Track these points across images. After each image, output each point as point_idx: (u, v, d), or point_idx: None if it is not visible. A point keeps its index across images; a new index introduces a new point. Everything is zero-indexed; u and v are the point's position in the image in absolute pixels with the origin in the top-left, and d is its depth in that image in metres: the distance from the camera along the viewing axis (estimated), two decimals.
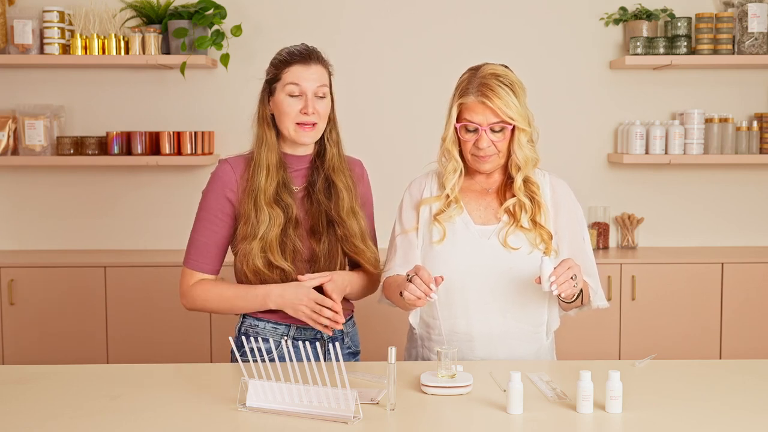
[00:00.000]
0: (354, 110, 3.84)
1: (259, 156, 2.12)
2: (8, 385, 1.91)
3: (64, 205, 3.94)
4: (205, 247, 2.14)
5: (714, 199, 4.00)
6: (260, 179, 2.10)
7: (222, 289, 2.14)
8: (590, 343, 3.59)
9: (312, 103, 2.08)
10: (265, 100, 2.15)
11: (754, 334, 3.63)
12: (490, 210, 2.16)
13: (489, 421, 1.68)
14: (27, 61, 3.70)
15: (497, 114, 2.05)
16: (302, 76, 2.08)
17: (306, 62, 2.10)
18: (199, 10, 3.69)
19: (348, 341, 2.24)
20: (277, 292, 2.09)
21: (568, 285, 1.92)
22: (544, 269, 1.93)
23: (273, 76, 2.13)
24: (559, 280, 1.91)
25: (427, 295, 1.90)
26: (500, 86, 2.04)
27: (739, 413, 1.72)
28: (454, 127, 2.10)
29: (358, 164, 2.29)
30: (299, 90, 2.08)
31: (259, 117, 2.15)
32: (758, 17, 3.68)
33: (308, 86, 2.08)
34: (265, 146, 2.12)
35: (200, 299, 2.15)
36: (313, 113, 2.08)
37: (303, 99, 2.09)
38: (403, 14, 3.91)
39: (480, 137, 2.07)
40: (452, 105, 2.10)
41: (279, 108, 2.11)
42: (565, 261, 1.95)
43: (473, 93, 2.05)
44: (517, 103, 2.06)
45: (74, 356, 3.54)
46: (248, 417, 1.70)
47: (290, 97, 2.09)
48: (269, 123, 2.14)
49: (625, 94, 3.95)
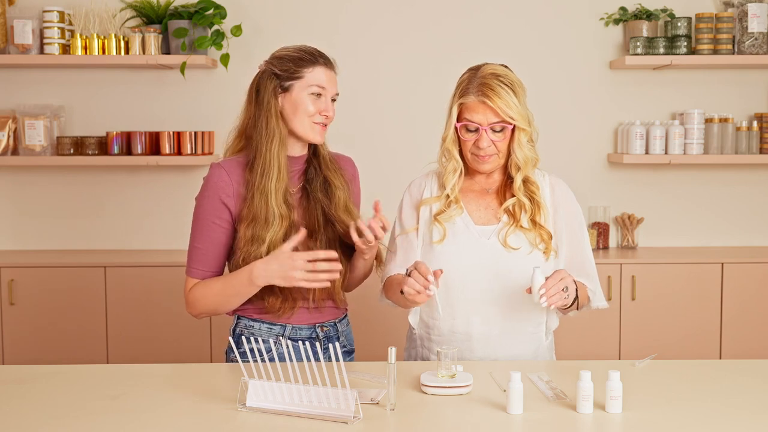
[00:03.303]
0: (353, 110, 3.84)
1: (270, 153, 2.06)
2: (8, 385, 1.91)
3: (64, 205, 3.94)
4: (204, 254, 2.12)
5: (714, 199, 4.00)
6: (272, 181, 2.06)
7: (211, 285, 2.11)
8: (590, 343, 3.59)
9: (329, 107, 2.11)
10: (277, 94, 2.09)
11: (754, 334, 3.63)
12: (490, 210, 2.16)
13: (489, 421, 1.68)
14: (27, 61, 3.70)
15: (498, 114, 2.05)
16: (327, 79, 2.10)
17: (330, 67, 2.13)
18: (199, 10, 3.69)
19: (343, 339, 2.24)
20: (260, 267, 2.02)
21: (559, 297, 1.92)
22: (535, 281, 1.93)
23: (293, 73, 2.08)
24: (549, 292, 1.91)
25: (426, 288, 1.90)
26: (501, 86, 2.05)
27: (739, 413, 1.72)
28: (454, 126, 2.10)
29: (349, 162, 2.29)
30: (324, 93, 2.10)
31: (268, 110, 2.08)
32: (758, 17, 3.68)
33: (331, 90, 2.12)
34: (277, 141, 2.07)
35: (197, 302, 2.13)
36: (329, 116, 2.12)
37: (323, 101, 2.10)
38: (402, 14, 3.91)
39: (480, 137, 2.07)
40: (452, 105, 2.11)
41: (297, 105, 2.08)
42: (558, 272, 1.95)
43: (473, 93, 2.06)
44: (517, 102, 2.06)
45: (74, 356, 3.54)
46: (248, 417, 1.70)
47: (313, 97, 2.09)
48: (279, 118, 2.09)
49: (625, 94, 3.95)
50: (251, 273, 2.03)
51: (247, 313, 2.18)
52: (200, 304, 2.13)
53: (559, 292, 1.92)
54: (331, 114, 2.12)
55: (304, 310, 2.16)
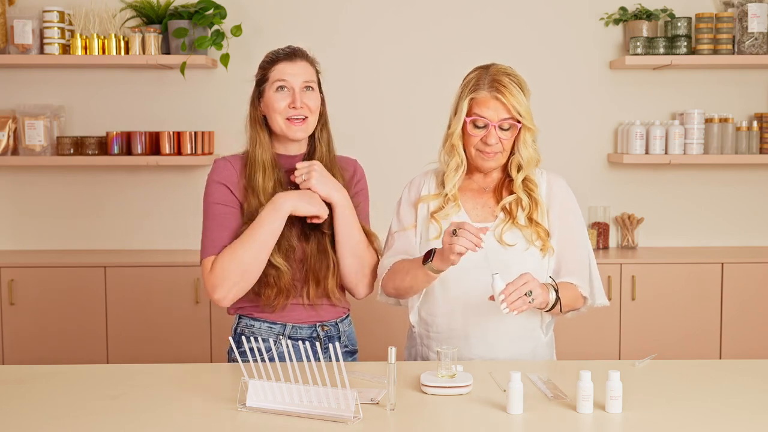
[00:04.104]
0: (353, 110, 3.85)
1: (254, 155, 2.15)
2: (8, 385, 1.91)
3: (64, 205, 3.94)
4: (220, 234, 2.11)
5: (714, 199, 4.00)
6: (258, 178, 2.12)
7: (234, 244, 2.06)
8: (590, 343, 3.59)
9: (299, 97, 2.11)
10: (255, 102, 2.18)
11: (754, 334, 3.63)
12: (487, 208, 2.16)
13: (489, 421, 1.68)
14: (27, 61, 3.70)
15: (509, 110, 2.06)
16: (288, 72, 2.12)
17: (291, 59, 2.14)
18: (199, 10, 3.69)
19: (345, 340, 2.25)
20: (281, 197, 2.07)
21: (522, 302, 1.91)
22: (495, 287, 1.91)
23: (261, 77, 2.17)
24: (509, 298, 1.89)
25: (478, 246, 1.89)
26: (512, 84, 2.07)
27: (739, 413, 1.72)
28: (463, 121, 2.09)
29: (352, 164, 2.29)
30: (287, 84, 2.12)
31: (251, 119, 2.18)
32: (758, 17, 3.68)
33: (295, 81, 2.12)
34: (258, 146, 2.15)
35: (224, 273, 2.05)
36: (302, 107, 2.11)
37: (290, 94, 2.12)
38: (402, 14, 3.91)
39: (489, 133, 2.07)
40: (461, 100, 2.10)
41: (269, 106, 2.14)
42: (522, 276, 1.93)
43: (486, 88, 2.06)
44: (525, 101, 2.08)
45: (74, 356, 3.54)
46: (248, 417, 1.70)
47: (278, 93, 2.12)
48: (261, 124, 2.17)
49: (625, 94, 3.95)
50: (274, 201, 2.07)
51: (247, 311, 2.19)
52: (228, 271, 2.05)
53: (522, 298, 1.91)
54: (308, 105, 2.12)
55: (301, 307, 2.17)
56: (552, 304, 2.02)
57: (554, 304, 2.03)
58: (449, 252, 1.92)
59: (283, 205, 2.07)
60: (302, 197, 2.09)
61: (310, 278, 2.16)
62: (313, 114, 2.14)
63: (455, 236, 1.90)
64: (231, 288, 2.07)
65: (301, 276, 2.16)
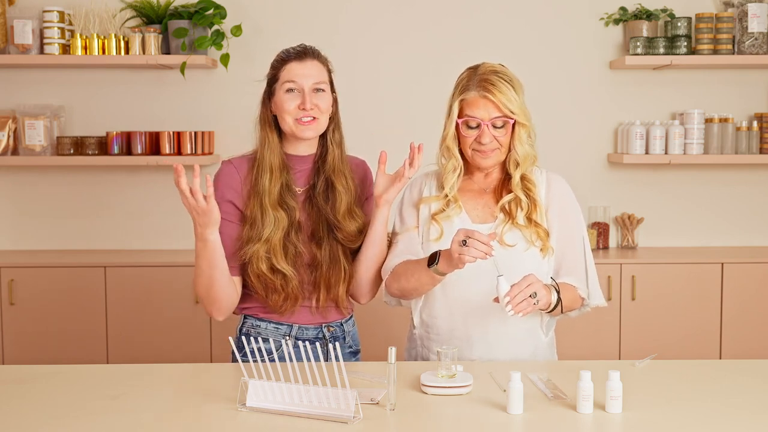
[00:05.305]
0: (353, 110, 3.82)
1: (263, 157, 2.13)
2: (8, 385, 1.91)
3: (64, 205, 3.94)
4: None
5: (714, 199, 4.00)
6: (264, 181, 2.10)
7: (194, 274, 2.09)
8: (590, 343, 3.59)
9: (309, 98, 2.09)
10: (266, 102, 2.17)
11: (754, 334, 3.63)
12: (487, 209, 2.16)
13: (489, 421, 1.68)
14: (27, 61, 3.70)
15: (499, 108, 2.05)
16: (298, 73, 2.10)
17: (301, 59, 2.12)
18: (199, 10, 3.69)
19: (349, 340, 2.24)
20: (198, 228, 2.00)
21: (527, 304, 1.90)
22: (500, 289, 1.91)
23: (272, 77, 2.15)
24: (515, 300, 1.89)
25: (488, 254, 1.89)
26: (501, 81, 2.06)
27: (739, 413, 1.73)
28: (455, 123, 2.10)
29: (361, 165, 2.29)
30: (296, 86, 2.10)
31: (261, 119, 2.16)
32: (758, 17, 3.68)
33: (305, 82, 2.10)
34: (267, 148, 2.13)
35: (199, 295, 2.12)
36: (312, 108, 2.10)
37: (300, 95, 2.10)
38: (402, 14, 3.91)
39: (482, 132, 2.07)
40: (453, 102, 2.11)
41: (279, 106, 2.12)
42: (526, 278, 1.93)
43: (474, 88, 2.06)
44: (517, 98, 2.07)
45: (74, 356, 3.54)
46: (248, 417, 1.70)
47: (288, 93, 2.10)
48: (271, 125, 2.15)
49: (625, 94, 3.95)
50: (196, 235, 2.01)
51: (253, 312, 2.18)
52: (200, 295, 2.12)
53: (527, 299, 1.90)
54: (318, 105, 2.10)
55: (308, 309, 2.17)
56: (553, 306, 2.02)
57: (555, 305, 2.03)
58: (458, 261, 1.92)
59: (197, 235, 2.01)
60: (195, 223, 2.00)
61: (321, 284, 2.15)
62: (323, 114, 2.13)
63: (465, 246, 1.90)
64: (212, 306, 2.11)
65: (311, 281, 2.15)
